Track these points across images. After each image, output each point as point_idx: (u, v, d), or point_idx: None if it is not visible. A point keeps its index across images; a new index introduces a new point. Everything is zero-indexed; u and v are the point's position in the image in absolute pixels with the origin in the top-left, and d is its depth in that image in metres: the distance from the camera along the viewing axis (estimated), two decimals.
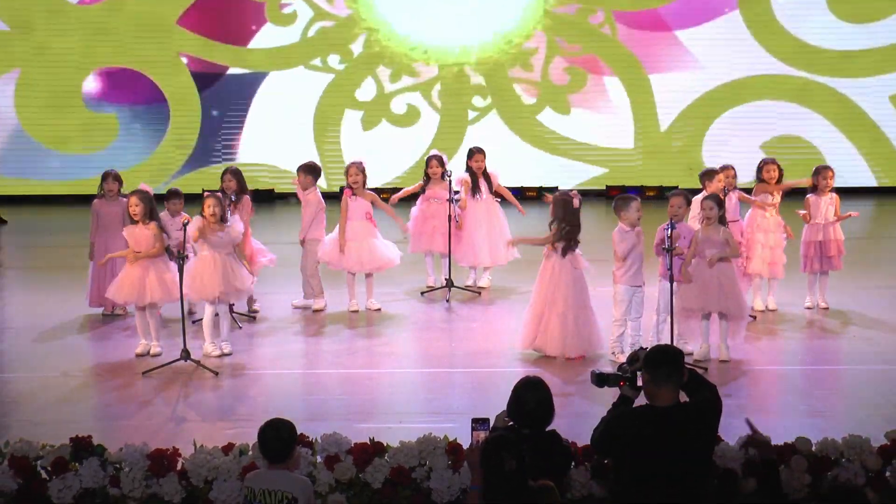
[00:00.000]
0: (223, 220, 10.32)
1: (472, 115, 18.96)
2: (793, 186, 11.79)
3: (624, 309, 10.03)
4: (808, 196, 11.75)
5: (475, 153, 12.75)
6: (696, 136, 18.72)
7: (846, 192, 12.01)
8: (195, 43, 18.41)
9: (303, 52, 18.77)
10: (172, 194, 11.59)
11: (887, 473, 7.14)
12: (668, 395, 5.92)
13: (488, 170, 12.72)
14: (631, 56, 18.61)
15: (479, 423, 6.02)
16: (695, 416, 5.94)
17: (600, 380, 6.31)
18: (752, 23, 18.40)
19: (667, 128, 18.75)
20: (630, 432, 5.87)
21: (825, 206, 11.65)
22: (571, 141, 18.89)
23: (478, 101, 18.97)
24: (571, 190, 10.73)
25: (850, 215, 11.75)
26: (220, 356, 10.26)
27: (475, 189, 12.62)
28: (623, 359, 9.90)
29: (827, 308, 11.64)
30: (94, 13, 18.02)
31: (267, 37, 18.69)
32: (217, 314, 10.35)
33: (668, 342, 9.63)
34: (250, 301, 11.80)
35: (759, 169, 11.70)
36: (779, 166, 11.68)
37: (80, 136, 18.29)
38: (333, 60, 18.77)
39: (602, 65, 18.73)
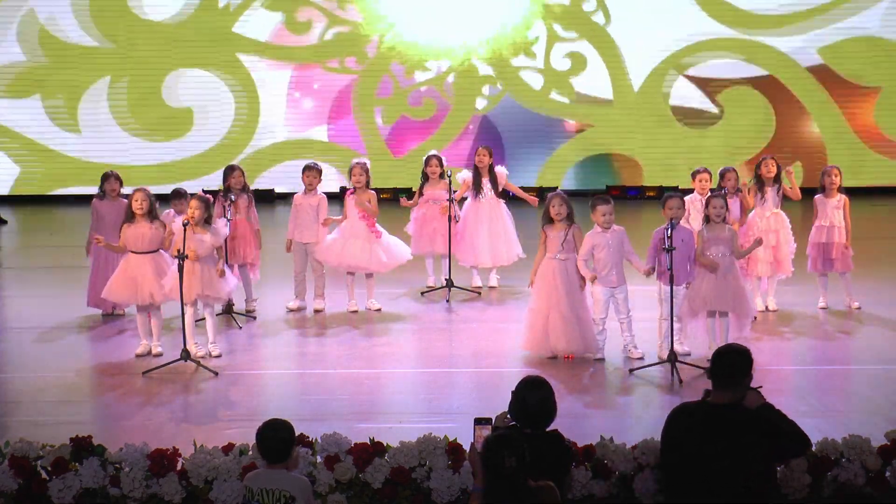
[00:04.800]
0: (207, 222, 10.29)
1: (482, 103, 19.90)
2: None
3: (600, 309, 10.05)
4: (815, 197, 11.73)
5: (479, 149, 12.75)
6: (664, 94, 19.82)
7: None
8: (248, 44, 19.88)
9: (321, 55, 19.86)
10: (177, 194, 11.60)
11: (887, 473, 7.14)
12: (727, 394, 5.98)
13: (495, 168, 12.70)
14: (610, 36, 19.78)
15: (481, 422, 6.02)
16: (761, 420, 5.94)
17: None
18: None
19: (639, 87, 19.83)
20: (687, 424, 5.94)
21: (830, 207, 11.62)
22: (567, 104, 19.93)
23: (488, 89, 19.85)
24: (557, 188, 10.79)
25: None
26: (205, 357, 10.23)
27: (477, 187, 12.61)
28: (601, 356, 9.99)
29: (859, 307, 11.62)
30: (164, 27, 19.86)
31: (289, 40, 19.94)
32: (204, 317, 10.34)
33: (670, 342, 9.66)
34: (248, 301, 11.83)
35: (758, 165, 11.69)
36: (777, 163, 11.66)
37: (163, 128, 20.00)
38: (350, 62, 19.82)
39: (593, 48, 19.87)
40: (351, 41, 19.76)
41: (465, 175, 12.70)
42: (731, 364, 6.09)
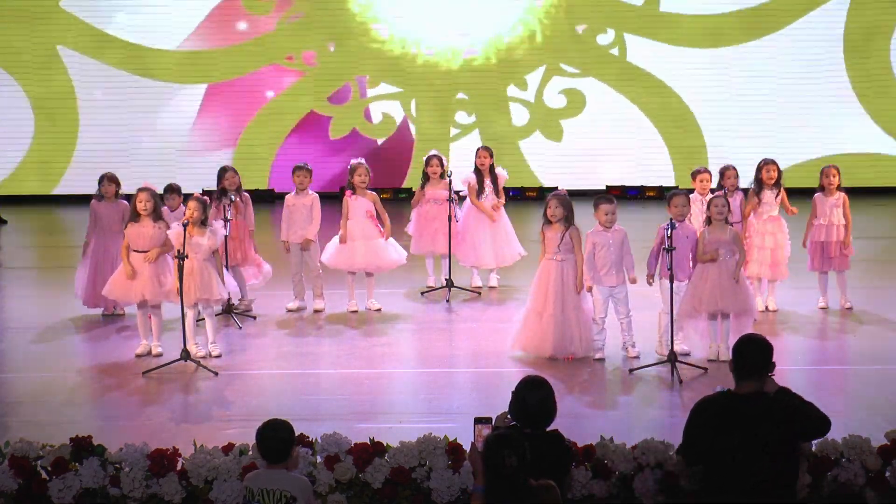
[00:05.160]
0: (204, 223, 10.30)
1: (453, 132, 17.95)
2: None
3: (600, 308, 10.06)
4: (815, 195, 11.74)
5: (479, 151, 12.75)
6: None
7: None
8: (83, 36, 15.51)
9: (277, 46, 17.47)
10: (170, 190, 11.63)
11: (887, 473, 7.14)
12: (749, 385, 5.99)
13: (496, 169, 12.70)
14: (670, 92, 17.23)
15: (482, 421, 6.02)
16: (776, 408, 5.97)
17: None
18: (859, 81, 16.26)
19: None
20: (708, 416, 5.94)
21: (830, 206, 11.63)
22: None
23: (461, 117, 18.02)
24: (562, 189, 10.78)
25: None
26: (206, 357, 10.24)
27: (480, 188, 12.60)
28: (601, 356, 9.99)
29: (850, 308, 11.59)
30: None
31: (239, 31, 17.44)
32: (204, 318, 10.35)
33: (670, 341, 9.66)
34: (241, 300, 11.83)
35: (759, 169, 11.66)
36: (778, 167, 11.64)
37: None
38: (309, 57, 17.66)
39: (617, 95, 17.57)
40: (313, 33, 17.13)
41: (469, 177, 12.68)
42: (747, 354, 6.08)
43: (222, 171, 11.88)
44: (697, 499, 6.15)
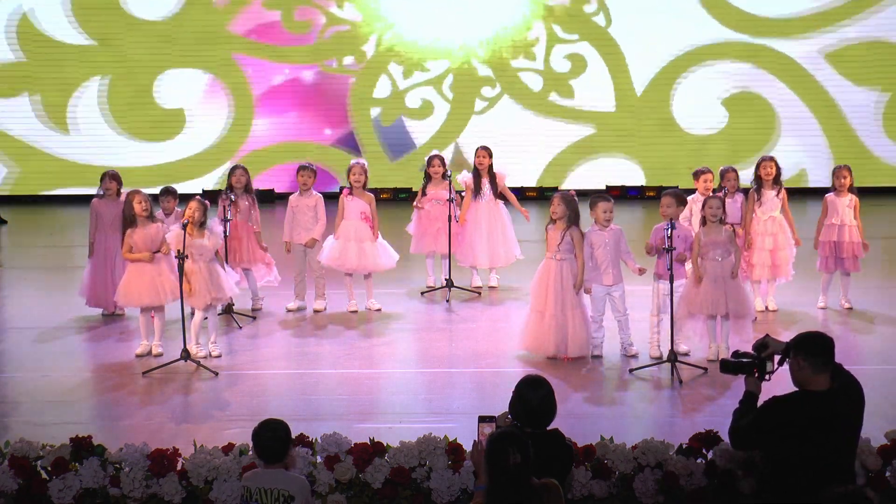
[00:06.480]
0: (203, 225, 10.29)
1: (481, 104, 19.61)
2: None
3: (597, 307, 10.09)
4: (826, 196, 11.75)
5: (478, 150, 12.73)
6: (665, 96, 19.45)
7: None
8: (243, 44, 19.64)
9: (319, 55, 19.59)
10: (166, 192, 11.62)
11: (887, 473, 7.14)
12: (824, 380, 6.00)
13: (495, 169, 12.69)
14: (613, 40, 19.49)
15: (485, 420, 6.02)
16: (847, 398, 5.99)
17: (735, 368, 6.35)
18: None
19: (641, 92, 19.50)
20: (793, 419, 5.94)
21: (843, 206, 11.63)
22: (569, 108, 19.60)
23: (487, 91, 19.56)
24: (570, 190, 10.77)
25: (864, 245, 11.70)
26: (206, 357, 10.24)
27: (477, 188, 12.60)
28: (599, 353, 10.01)
29: (850, 308, 11.62)
30: (161, 26, 19.56)
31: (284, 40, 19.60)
32: (206, 317, 10.36)
33: (669, 341, 9.66)
34: (255, 300, 11.87)
35: (757, 166, 11.67)
36: (776, 164, 11.64)
37: (155, 128, 19.76)
38: (349, 61, 19.54)
39: (594, 49, 19.60)
40: (349, 41, 19.43)
41: (466, 176, 12.70)
42: (828, 346, 6.07)
43: (232, 170, 11.90)
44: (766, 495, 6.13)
